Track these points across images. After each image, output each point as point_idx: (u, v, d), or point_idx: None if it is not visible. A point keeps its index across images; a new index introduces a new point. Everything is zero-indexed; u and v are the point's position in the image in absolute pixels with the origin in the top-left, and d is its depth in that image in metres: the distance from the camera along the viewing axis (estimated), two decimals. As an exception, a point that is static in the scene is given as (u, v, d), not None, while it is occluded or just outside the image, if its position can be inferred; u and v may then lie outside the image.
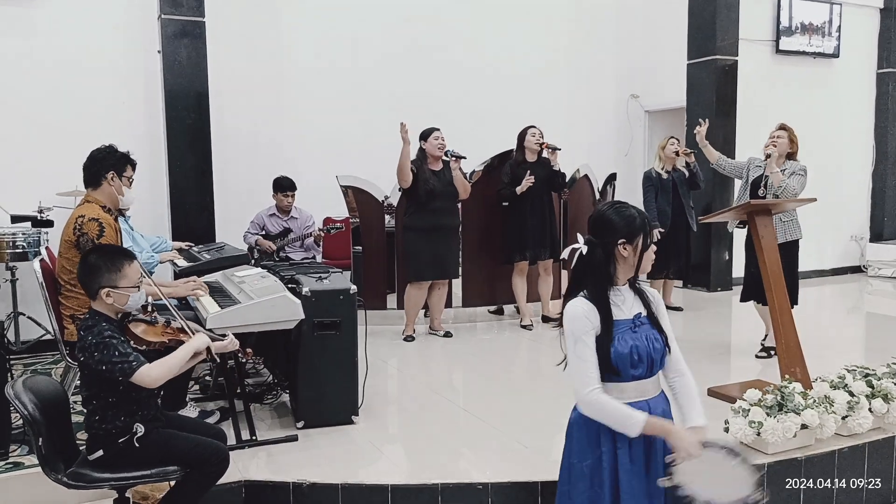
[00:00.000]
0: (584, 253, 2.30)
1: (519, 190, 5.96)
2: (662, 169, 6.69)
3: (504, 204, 6.43)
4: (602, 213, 2.34)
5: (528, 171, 5.96)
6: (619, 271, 2.31)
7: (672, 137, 7.03)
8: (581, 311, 2.26)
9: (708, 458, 2.20)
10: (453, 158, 5.78)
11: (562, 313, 2.33)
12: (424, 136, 5.78)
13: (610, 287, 2.30)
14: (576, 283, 2.33)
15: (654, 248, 2.35)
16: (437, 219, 5.73)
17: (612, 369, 2.25)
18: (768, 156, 4.87)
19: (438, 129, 5.78)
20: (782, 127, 5.10)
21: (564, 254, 2.40)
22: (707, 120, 5.74)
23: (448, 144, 5.81)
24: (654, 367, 2.32)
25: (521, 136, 6.16)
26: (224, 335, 3.03)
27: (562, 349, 2.35)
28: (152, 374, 2.59)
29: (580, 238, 2.33)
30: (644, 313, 2.33)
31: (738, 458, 2.22)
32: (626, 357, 2.25)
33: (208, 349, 2.80)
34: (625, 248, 2.28)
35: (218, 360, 3.03)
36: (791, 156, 5.03)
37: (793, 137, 5.03)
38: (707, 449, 2.21)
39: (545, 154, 6.13)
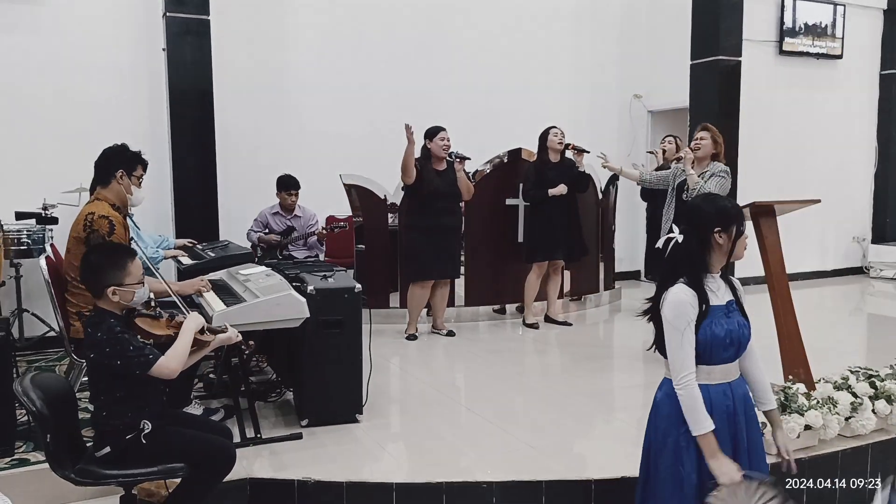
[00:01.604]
0: (680, 242, 2.42)
1: (552, 192, 5.95)
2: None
3: (507, 202, 6.46)
4: (697, 204, 2.50)
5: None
6: (713, 259, 2.43)
7: (668, 136, 7.02)
8: (685, 299, 2.38)
9: (746, 493, 2.27)
10: (457, 160, 5.78)
11: (654, 300, 2.47)
12: (430, 135, 5.76)
13: (705, 274, 2.42)
14: (671, 272, 2.45)
15: (746, 236, 2.47)
16: (439, 219, 5.72)
17: (705, 352, 2.39)
18: (679, 158, 4.85)
19: (444, 130, 5.76)
20: (705, 128, 5.07)
21: (660, 243, 2.53)
22: (606, 155, 5.72)
23: (452, 145, 5.81)
24: (740, 350, 2.47)
25: (543, 137, 6.14)
26: (223, 328, 3.04)
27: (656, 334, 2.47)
28: (171, 365, 2.63)
29: (675, 228, 2.46)
30: (734, 301, 2.48)
31: (775, 497, 2.27)
32: (721, 340, 2.38)
33: (202, 329, 2.82)
34: (720, 236, 2.41)
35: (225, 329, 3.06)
36: (715, 157, 5.00)
37: (716, 138, 5.01)
38: (746, 483, 2.29)
39: (569, 155, 6.12)
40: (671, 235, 2.45)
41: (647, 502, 2.54)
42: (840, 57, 8.83)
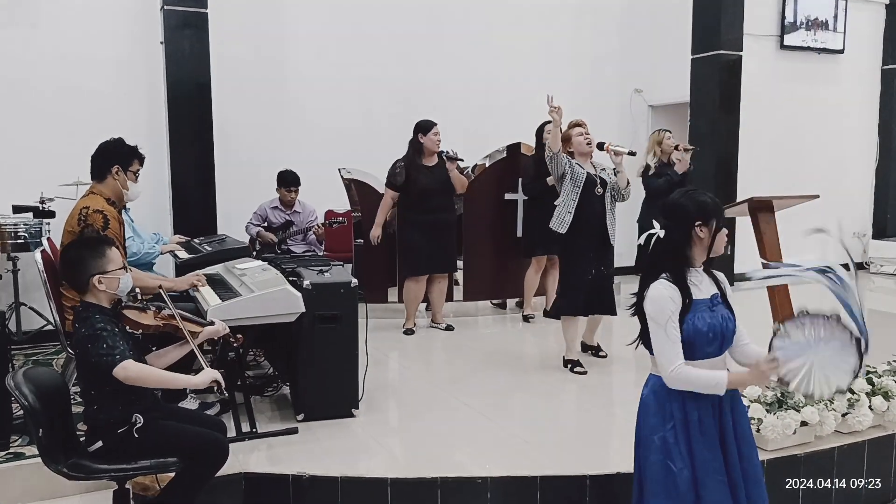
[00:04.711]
0: (662, 237, 2.44)
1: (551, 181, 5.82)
2: (656, 163, 6.66)
3: (506, 197, 6.43)
4: (676, 200, 2.50)
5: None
6: (695, 253, 2.45)
7: (665, 131, 6.95)
8: (666, 293, 2.39)
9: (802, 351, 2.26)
10: (449, 161, 5.71)
11: (637, 295, 2.48)
12: (424, 129, 5.71)
13: (688, 268, 2.44)
14: (653, 267, 2.47)
15: (726, 231, 2.47)
16: (431, 215, 5.70)
17: (689, 347, 2.38)
18: (609, 151, 4.84)
19: (437, 124, 5.72)
20: (581, 123, 4.96)
21: (641, 239, 2.53)
22: None
23: (445, 138, 5.76)
24: (725, 344, 2.46)
25: (540, 132, 6.11)
26: (210, 321, 3.04)
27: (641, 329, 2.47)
28: (130, 370, 2.57)
29: (656, 224, 2.48)
30: (719, 294, 2.48)
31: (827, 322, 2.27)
32: (704, 334, 2.38)
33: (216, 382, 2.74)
34: (701, 230, 2.42)
35: (226, 395, 3.01)
36: None
37: None
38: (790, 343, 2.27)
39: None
40: (652, 231, 2.47)
41: (644, 499, 2.54)
42: (841, 51, 8.80)
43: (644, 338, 2.50)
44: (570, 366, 4.87)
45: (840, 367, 2.28)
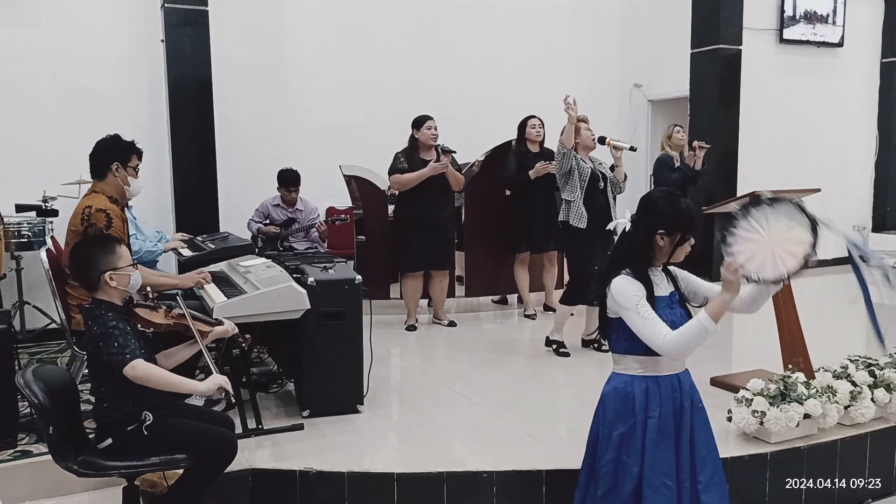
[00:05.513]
0: (627, 231, 2.43)
1: (533, 174, 5.85)
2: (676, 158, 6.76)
3: (507, 193, 6.44)
4: (654, 199, 2.45)
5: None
6: (655, 255, 2.44)
7: (676, 125, 7.01)
8: (630, 283, 2.37)
9: (755, 231, 2.32)
10: (444, 154, 5.71)
11: (601, 285, 2.46)
12: (417, 124, 5.69)
13: (649, 267, 2.43)
14: (618, 261, 2.45)
15: (691, 242, 2.45)
16: (426, 211, 5.68)
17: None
18: (604, 144, 5.03)
19: (432, 118, 5.70)
20: (585, 119, 5.11)
21: (610, 226, 2.54)
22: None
23: (446, 135, 5.76)
24: None
25: (522, 127, 6.11)
26: (220, 321, 3.05)
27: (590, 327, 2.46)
28: (138, 370, 2.58)
29: (627, 214, 2.47)
30: (676, 293, 2.47)
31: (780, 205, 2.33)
32: None
33: (223, 389, 2.75)
34: (662, 239, 2.40)
35: (234, 401, 3.00)
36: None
37: None
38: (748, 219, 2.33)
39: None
40: (622, 221, 2.47)
41: (589, 496, 2.55)
42: (840, 45, 8.80)
43: (604, 331, 2.53)
44: (555, 346, 4.99)
45: (794, 240, 2.31)
